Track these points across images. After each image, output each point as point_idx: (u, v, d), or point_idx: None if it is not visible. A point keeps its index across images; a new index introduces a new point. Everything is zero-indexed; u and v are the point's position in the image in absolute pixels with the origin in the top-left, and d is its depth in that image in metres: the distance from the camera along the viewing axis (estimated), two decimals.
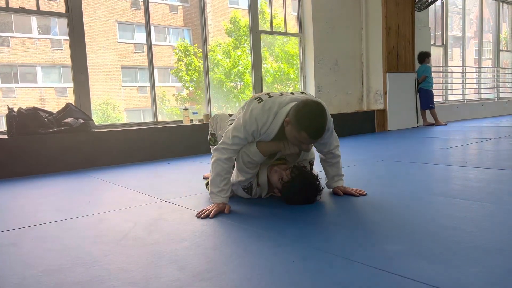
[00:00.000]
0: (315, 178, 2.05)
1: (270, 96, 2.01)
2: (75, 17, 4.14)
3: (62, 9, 4.19)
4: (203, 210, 1.94)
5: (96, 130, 3.98)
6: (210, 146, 2.73)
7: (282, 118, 1.93)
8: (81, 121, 3.84)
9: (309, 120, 1.83)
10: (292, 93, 2.07)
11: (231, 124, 2.25)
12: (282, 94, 2.04)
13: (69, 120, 3.80)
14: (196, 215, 1.91)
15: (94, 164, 3.83)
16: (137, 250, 1.47)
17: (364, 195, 2.16)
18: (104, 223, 1.88)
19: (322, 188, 2.09)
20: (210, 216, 1.88)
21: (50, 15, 4.42)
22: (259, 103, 1.98)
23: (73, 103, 4.10)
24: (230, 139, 1.98)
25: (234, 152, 2.00)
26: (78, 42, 4.19)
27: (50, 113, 3.87)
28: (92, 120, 4.01)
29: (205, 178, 2.89)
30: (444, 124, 6.92)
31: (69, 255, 1.46)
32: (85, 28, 4.28)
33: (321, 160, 2.27)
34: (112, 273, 1.27)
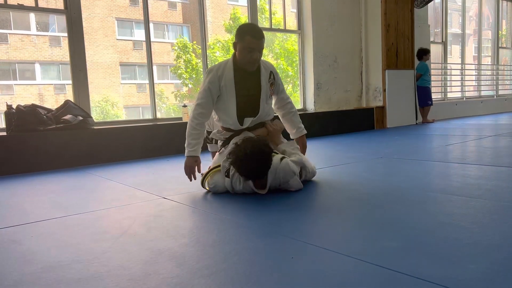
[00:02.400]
0: (268, 148, 2.09)
1: None
2: (73, 14, 4.13)
3: (60, 5, 4.17)
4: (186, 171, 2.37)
5: (95, 127, 3.98)
6: (208, 144, 2.86)
7: (231, 58, 2.37)
8: (80, 118, 3.84)
9: (246, 27, 2.32)
10: None
11: None
12: None
13: (68, 117, 3.79)
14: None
15: (93, 161, 3.82)
16: (136, 247, 1.47)
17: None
18: (103, 220, 1.88)
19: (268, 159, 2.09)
20: (190, 179, 2.37)
21: (48, 11, 4.41)
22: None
23: (72, 100, 4.09)
24: (197, 97, 2.39)
25: (201, 107, 2.34)
26: (77, 39, 4.18)
27: (49, 110, 3.87)
28: (91, 117, 4.01)
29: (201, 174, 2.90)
30: (432, 121, 6.93)
31: (68, 251, 1.46)
32: (84, 25, 4.27)
33: (283, 114, 2.60)
34: (111, 269, 1.27)
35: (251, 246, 1.44)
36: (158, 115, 4.77)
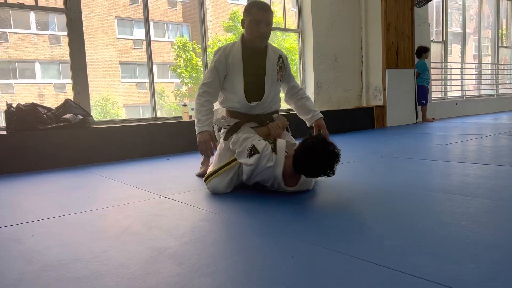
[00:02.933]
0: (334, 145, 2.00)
1: None
2: (73, 13, 4.13)
3: (60, 4, 4.17)
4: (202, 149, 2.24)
5: (95, 126, 3.98)
6: None
7: (239, 37, 2.35)
8: (80, 117, 3.84)
9: (253, 1, 2.28)
10: None
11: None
12: None
13: (68, 116, 3.79)
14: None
15: (93, 160, 3.82)
16: (137, 246, 1.47)
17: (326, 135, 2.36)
18: (104, 219, 1.88)
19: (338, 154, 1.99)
20: (208, 156, 2.30)
21: (48, 10, 4.40)
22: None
23: (72, 99, 4.09)
24: (203, 77, 2.36)
25: (207, 86, 2.30)
26: (77, 38, 4.18)
27: (49, 109, 3.87)
28: (91, 116, 4.01)
29: (197, 175, 2.88)
30: (432, 120, 6.93)
31: (69, 250, 1.46)
32: (84, 24, 4.27)
33: (296, 101, 2.54)
34: (111, 268, 1.28)
35: (251, 245, 1.44)
36: (158, 114, 4.77)
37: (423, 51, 6.79)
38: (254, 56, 2.33)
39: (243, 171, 2.21)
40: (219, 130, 2.48)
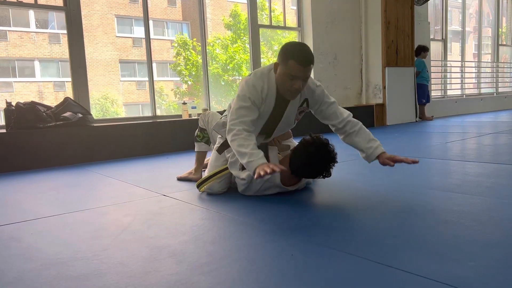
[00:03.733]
0: (330, 145, 1.94)
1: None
2: (73, 11, 4.12)
3: (60, 2, 4.16)
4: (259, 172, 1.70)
5: (94, 125, 3.98)
6: (196, 143, 2.63)
7: (274, 80, 1.96)
8: (80, 115, 3.83)
9: (293, 48, 1.88)
10: None
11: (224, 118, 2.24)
12: None
13: (67, 114, 3.79)
14: (256, 178, 1.72)
15: (92, 158, 3.82)
16: (136, 244, 1.47)
17: (417, 162, 1.90)
18: (103, 217, 1.88)
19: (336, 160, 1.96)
20: (273, 171, 1.68)
21: (48, 8, 4.39)
22: (249, 75, 2.03)
23: (72, 98, 4.09)
24: (235, 114, 1.93)
25: (243, 124, 1.90)
26: (76, 36, 4.17)
27: (48, 108, 3.87)
28: (91, 114, 4.01)
29: (179, 179, 2.72)
30: (431, 119, 6.92)
31: (68, 249, 1.46)
32: (84, 22, 4.26)
33: (344, 137, 2.11)
34: (111, 266, 1.28)
35: (251, 243, 1.44)
36: (158, 112, 4.77)
37: (423, 50, 6.78)
38: (281, 103, 2.03)
39: (237, 184, 2.17)
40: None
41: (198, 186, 2.28)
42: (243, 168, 2.03)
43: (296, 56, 1.83)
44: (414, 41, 6.64)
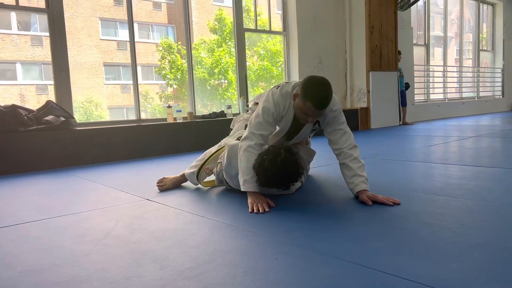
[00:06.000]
0: (298, 158, 1.96)
1: (287, 82, 2.16)
2: (55, 13, 4.06)
3: (42, 4, 4.10)
4: (253, 207, 1.90)
5: (77, 128, 3.92)
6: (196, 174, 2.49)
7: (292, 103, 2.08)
8: (62, 119, 3.77)
9: (312, 90, 1.93)
10: None
11: (246, 120, 2.44)
12: None
13: (49, 118, 3.73)
14: (250, 212, 1.87)
15: (76, 162, 3.76)
16: (119, 249, 1.45)
17: (398, 204, 1.89)
18: (86, 222, 1.85)
19: (302, 173, 2.00)
20: (264, 210, 1.86)
21: (30, 10, 4.32)
22: (277, 89, 2.13)
23: (54, 101, 4.03)
24: (254, 126, 2.07)
25: (261, 137, 2.05)
26: (59, 39, 4.11)
27: (30, 111, 3.80)
28: (73, 118, 3.95)
29: (160, 189, 2.50)
30: (410, 124, 6.95)
31: (49, 255, 1.43)
32: (67, 24, 4.20)
33: (339, 164, 2.17)
34: (92, 272, 1.25)
35: (235, 248, 1.43)
36: (143, 116, 4.72)
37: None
38: (297, 123, 2.17)
39: (223, 166, 2.25)
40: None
41: (196, 176, 2.40)
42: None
43: (314, 100, 1.91)
44: (398, 46, 6.73)
